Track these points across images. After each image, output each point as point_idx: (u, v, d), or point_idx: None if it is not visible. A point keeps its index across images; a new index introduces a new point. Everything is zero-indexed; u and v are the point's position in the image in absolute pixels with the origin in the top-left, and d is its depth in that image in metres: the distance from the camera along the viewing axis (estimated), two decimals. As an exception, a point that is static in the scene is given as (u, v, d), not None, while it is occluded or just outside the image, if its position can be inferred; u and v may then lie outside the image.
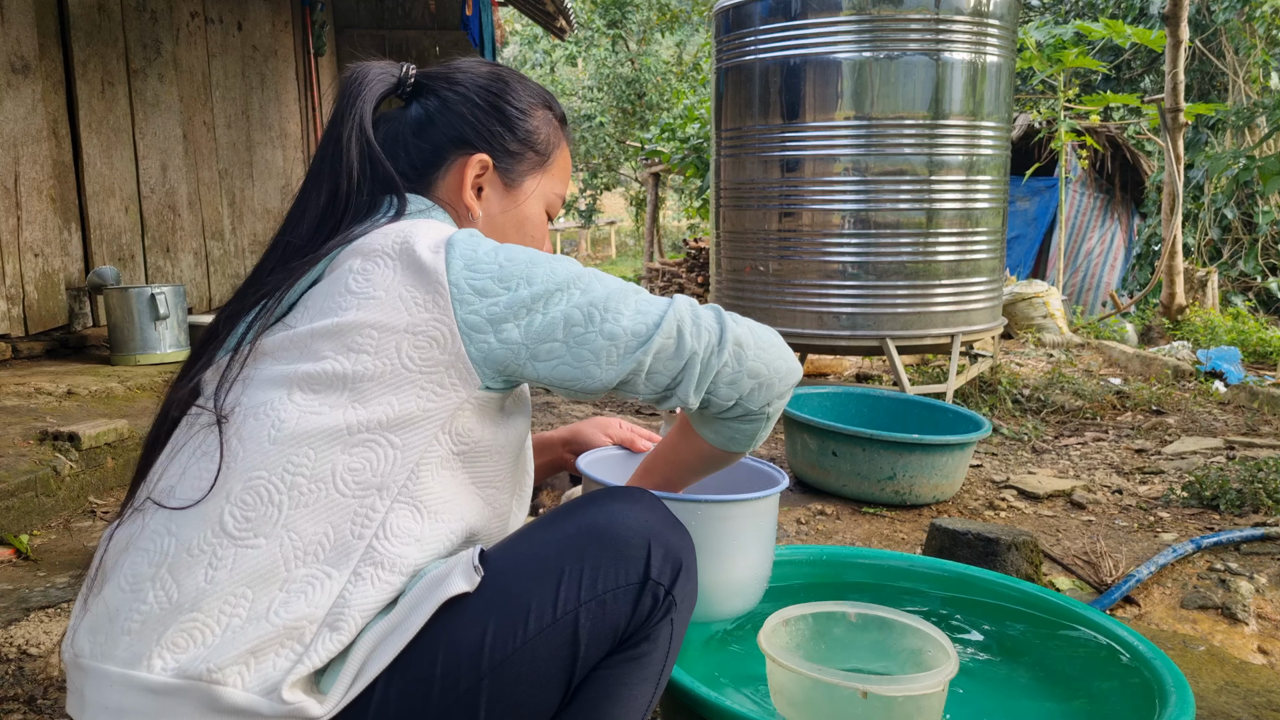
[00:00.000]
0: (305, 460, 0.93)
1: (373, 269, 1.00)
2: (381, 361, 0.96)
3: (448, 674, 0.92)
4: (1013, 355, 5.57)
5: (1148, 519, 2.77)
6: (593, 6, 15.31)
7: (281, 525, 0.91)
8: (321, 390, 0.95)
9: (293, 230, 1.07)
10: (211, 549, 0.90)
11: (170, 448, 1.02)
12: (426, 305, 0.98)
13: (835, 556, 1.85)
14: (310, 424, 0.94)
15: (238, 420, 0.96)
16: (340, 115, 1.11)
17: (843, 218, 3.90)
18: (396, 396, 0.96)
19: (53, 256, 4.28)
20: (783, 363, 1.08)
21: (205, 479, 0.94)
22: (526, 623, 0.94)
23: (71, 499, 2.66)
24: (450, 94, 1.17)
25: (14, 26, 4.05)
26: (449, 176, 1.17)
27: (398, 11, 7.10)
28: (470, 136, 1.17)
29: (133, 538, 0.95)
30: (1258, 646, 1.98)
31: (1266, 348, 5.57)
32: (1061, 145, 8.23)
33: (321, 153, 1.11)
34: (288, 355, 0.98)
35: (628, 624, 0.97)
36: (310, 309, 1.01)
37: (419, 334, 0.97)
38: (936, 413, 3.16)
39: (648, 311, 1.02)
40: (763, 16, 3.98)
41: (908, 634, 1.42)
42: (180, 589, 0.89)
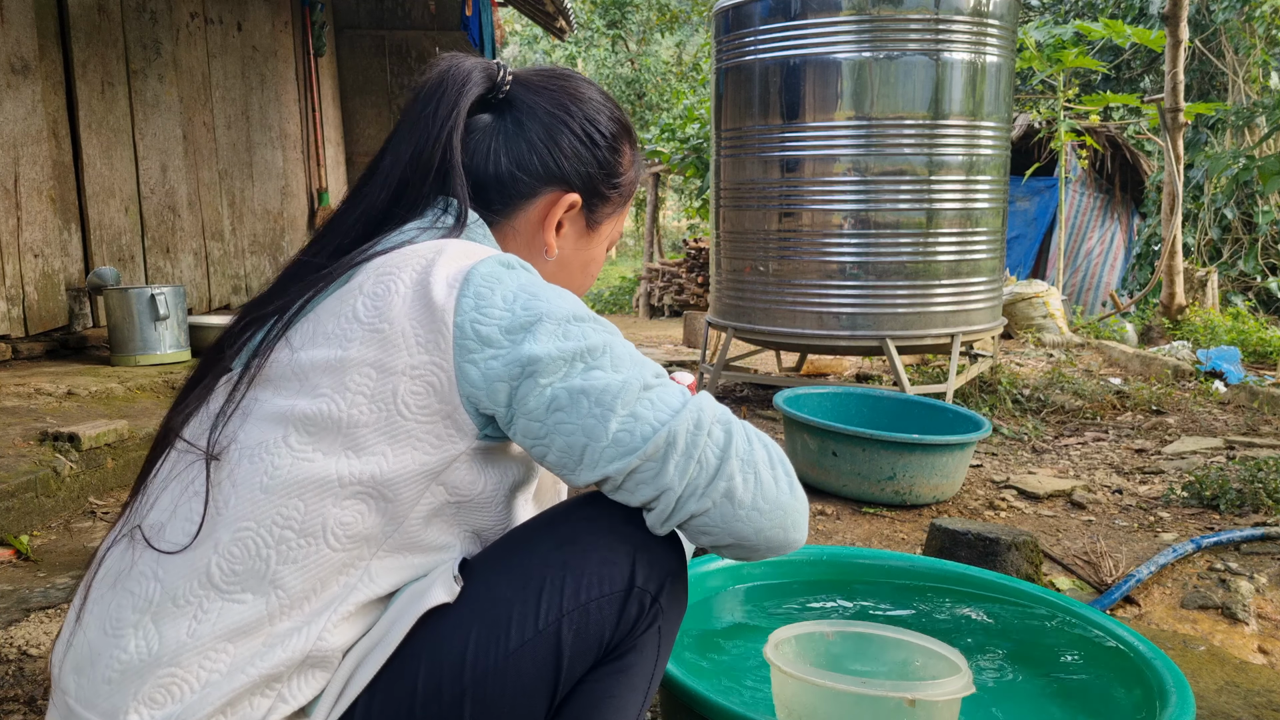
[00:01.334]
0: (295, 513, 0.88)
1: (385, 295, 0.92)
2: (377, 408, 0.90)
3: (430, 689, 0.90)
4: (1013, 355, 5.57)
5: (1148, 519, 2.77)
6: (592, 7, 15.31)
7: (269, 581, 0.88)
8: (316, 434, 0.90)
9: (342, 228, 1.01)
10: (198, 601, 0.87)
11: (167, 472, 0.97)
12: (427, 346, 0.91)
13: (835, 556, 1.85)
14: (303, 472, 0.89)
15: (231, 461, 0.91)
16: (432, 108, 1.03)
17: (843, 218, 3.90)
18: (392, 447, 0.90)
19: (53, 257, 4.28)
20: (780, 534, 0.94)
21: (194, 522, 0.90)
22: (509, 634, 0.91)
23: (71, 500, 2.66)
24: (550, 119, 1.09)
25: (14, 27, 4.05)
26: (533, 209, 1.10)
27: (398, 12, 7.10)
28: (568, 173, 1.10)
29: (121, 575, 0.92)
30: (1258, 646, 1.98)
31: (1266, 347, 5.57)
32: (1061, 145, 8.24)
33: (396, 145, 1.03)
34: (288, 387, 0.93)
35: (613, 634, 0.93)
36: (317, 328, 0.95)
37: (417, 378, 0.90)
38: (936, 413, 3.16)
39: (642, 419, 0.90)
40: (762, 16, 3.98)
41: (896, 648, 1.42)
42: (162, 640, 0.86)
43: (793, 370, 5.12)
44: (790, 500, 0.94)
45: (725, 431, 0.92)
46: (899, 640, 1.42)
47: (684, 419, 0.91)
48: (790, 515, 0.94)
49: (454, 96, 1.04)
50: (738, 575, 1.80)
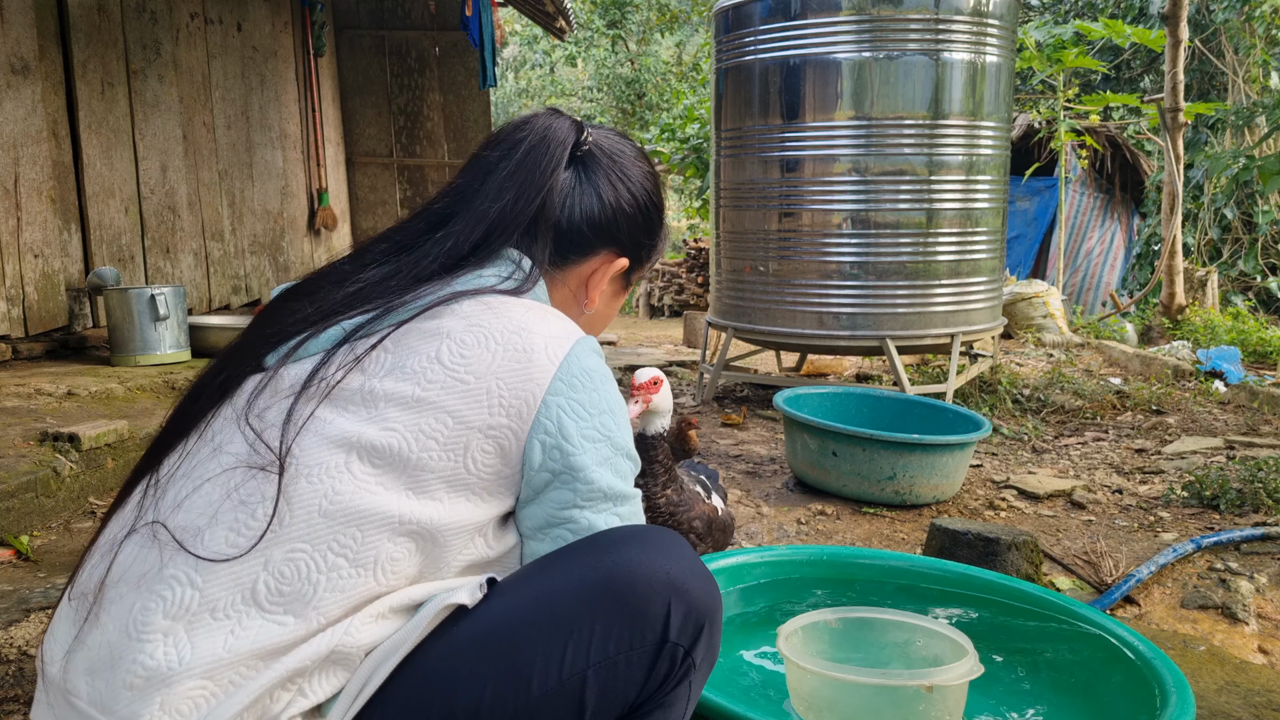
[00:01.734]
0: (352, 542, 0.87)
1: (473, 347, 0.94)
2: (447, 458, 0.91)
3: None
4: (1013, 355, 5.57)
5: (1148, 519, 2.77)
6: (592, 7, 15.31)
7: (312, 606, 0.86)
8: (381, 466, 0.90)
9: (421, 258, 1.03)
10: (238, 616, 0.84)
11: (190, 466, 0.94)
12: (509, 410, 0.93)
13: (835, 556, 1.85)
14: (364, 503, 0.88)
15: (287, 477, 0.89)
16: (533, 167, 1.08)
17: (843, 218, 3.90)
18: (450, 496, 0.92)
19: (53, 257, 4.28)
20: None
21: (243, 534, 0.86)
22: (529, 684, 0.87)
23: (72, 500, 2.66)
24: (623, 188, 1.15)
25: (14, 27, 4.05)
26: (585, 265, 1.15)
27: (397, 12, 7.10)
28: (624, 241, 1.16)
29: (147, 575, 0.87)
30: (1258, 646, 1.98)
31: (1266, 347, 5.57)
32: (1061, 145, 8.24)
33: (489, 189, 1.07)
34: (356, 411, 0.92)
35: (640, 691, 0.90)
36: (395, 360, 0.94)
37: (491, 438, 0.92)
38: (936, 413, 3.16)
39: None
40: (762, 17, 3.98)
41: (896, 629, 1.49)
42: (195, 651, 0.83)
43: (793, 370, 5.12)
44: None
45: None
46: (899, 622, 1.48)
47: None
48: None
49: (558, 155, 1.09)
50: (738, 576, 1.80)
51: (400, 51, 7.12)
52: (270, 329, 1.01)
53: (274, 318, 1.02)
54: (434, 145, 7.22)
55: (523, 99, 17.21)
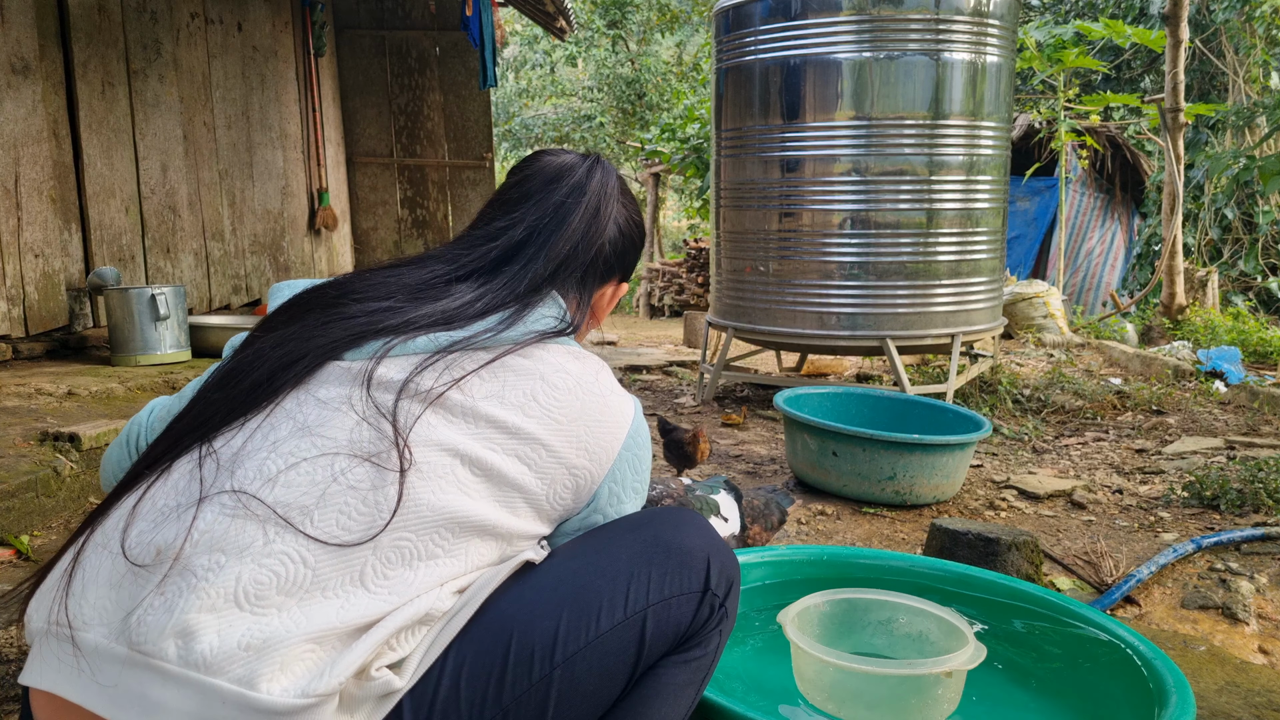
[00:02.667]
0: (450, 536, 0.97)
1: (565, 391, 1.07)
2: (539, 485, 1.03)
3: (521, 660, 0.96)
4: (1013, 355, 5.57)
5: (1148, 519, 2.77)
6: (593, 7, 15.31)
7: (410, 585, 0.94)
8: (481, 477, 1.00)
9: (509, 282, 1.15)
10: (346, 595, 0.91)
11: (268, 435, 0.98)
12: (592, 456, 1.07)
13: (835, 556, 1.85)
14: (465, 506, 0.98)
15: (404, 471, 0.97)
16: (600, 200, 1.22)
17: (843, 218, 3.90)
18: (526, 513, 1.03)
19: (53, 257, 4.29)
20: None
21: (356, 520, 0.93)
22: (599, 618, 0.99)
23: (72, 500, 2.66)
24: (626, 223, 1.28)
25: (14, 27, 4.05)
26: (600, 290, 1.27)
27: (398, 12, 7.10)
28: (629, 268, 1.30)
29: (249, 546, 0.90)
30: (1258, 646, 1.98)
31: (1267, 347, 5.57)
32: (1061, 145, 8.24)
33: (560, 220, 1.19)
34: (458, 424, 1.01)
35: (688, 628, 1.04)
36: (491, 386, 1.04)
37: (574, 475, 1.06)
38: (937, 413, 3.16)
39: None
40: (763, 17, 3.99)
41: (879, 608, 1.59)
42: (309, 620, 0.89)
43: (793, 370, 5.12)
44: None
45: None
46: (882, 601, 1.58)
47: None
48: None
49: (613, 204, 1.25)
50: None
51: (401, 51, 7.11)
52: (336, 323, 1.07)
53: (336, 312, 1.08)
54: (434, 145, 7.22)
55: (523, 99, 17.20)
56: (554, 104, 17.23)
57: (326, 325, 1.07)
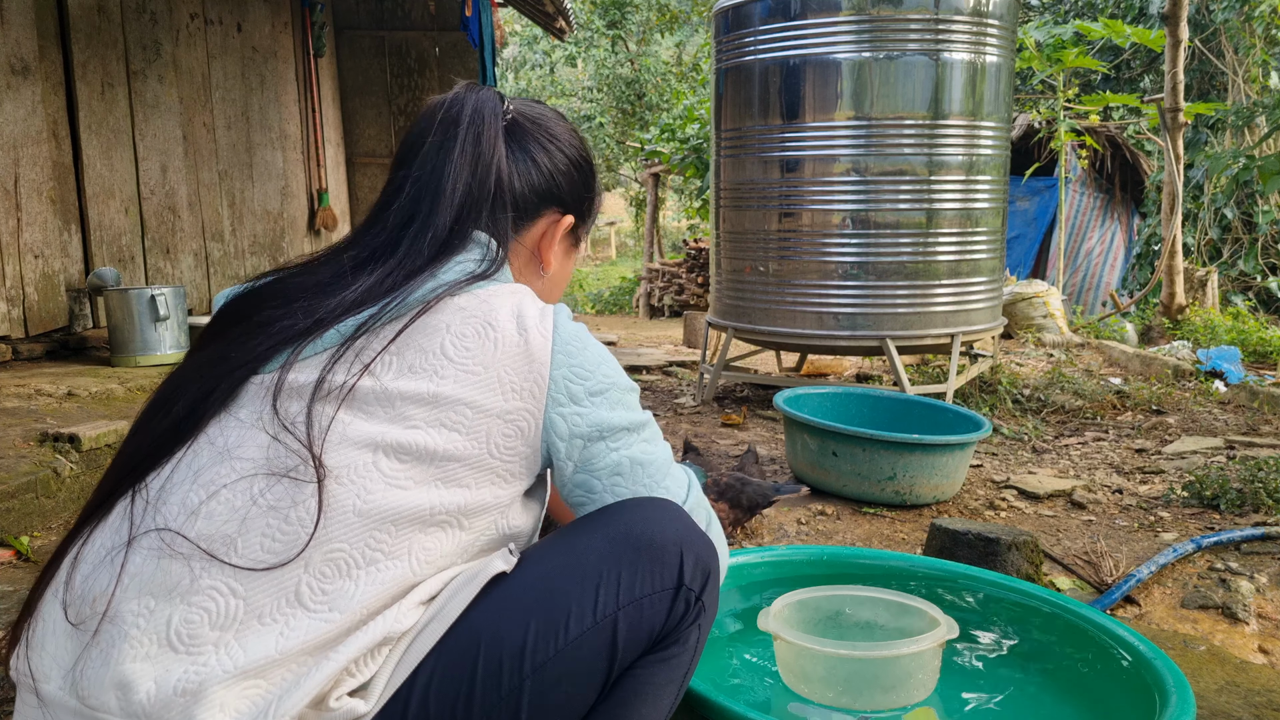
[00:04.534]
0: (386, 537, 0.93)
1: (476, 338, 1.00)
2: (472, 444, 0.97)
3: (490, 674, 0.93)
4: (1013, 355, 5.57)
5: (1148, 519, 2.77)
6: (592, 7, 15.31)
7: (356, 600, 0.90)
8: (409, 462, 0.95)
9: (408, 253, 1.06)
10: (285, 619, 0.88)
11: (190, 465, 0.95)
12: (522, 393, 1.00)
13: (835, 557, 1.85)
14: (396, 500, 0.93)
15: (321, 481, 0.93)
16: (474, 140, 1.12)
17: (842, 218, 3.90)
18: (475, 480, 0.98)
19: (53, 258, 4.28)
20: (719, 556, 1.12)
21: (280, 540, 0.89)
22: (568, 625, 0.96)
23: (72, 500, 2.66)
24: (553, 149, 1.19)
25: (14, 28, 4.05)
26: (535, 229, 1.19)
27: (397, 12, 7.10)
28: (566, 199, 1.21)
29: (176, 586, 0.88)
30: (1258, 646, 1.98)
31: (1266, 347, 5.57)
32: (1061, 145, 8.23)
33: (443, 172, 1.10)
34: (376, 414, 0.96)
35: (662, 627, 1.01)
36: (401, 360, 0.98)
37: (509, 421, 0.99)
38: (937, 413, 3.16)
39: (673, 490, 1.09)
40: (762, 17, 3.98)
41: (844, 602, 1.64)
42: (247, 654, 0.86)
43: (793, 370, 5.12)
44: (724, 552, 1.14)
45: (706, 511, 1.14)
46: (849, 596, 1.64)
47: (693, 491, 1.11)
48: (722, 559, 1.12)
49: (496, 126, 1.14)
50: (739, 576, 1.80)
51: (400, 52, 7.11)
52: (253, 338, 1.01)
53: (253, 325, 1.03)
54: (434, 146, 7.22)
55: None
56: (553, 104, 17.22)
57: (244, 340, 1.02)
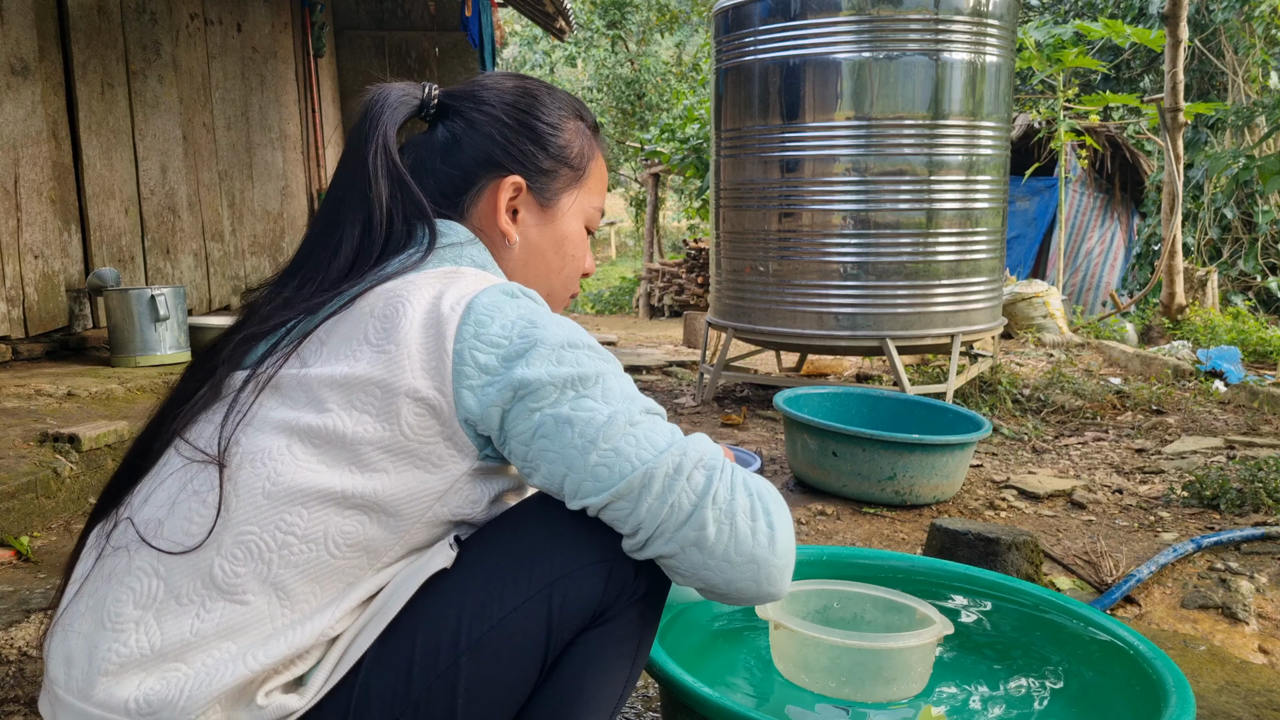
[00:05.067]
0: (298, 520, 0.91)
1: (393, 317, 0.96)
2: (383, 426, 0.93)
3: (427, 654, 0.93)
4: (1013, 355, 5.57)
5: (1148, 519, 2.77)
6: (592, 7, 15.31)
7: (270, 583, 0.90)
8: (321, 447, 0.93)
9: (327, 265, 1.03)
10: (200, 600, 0.89)
11: (159, 466, 0.99)
12: (429, 371, 0.94)
13: (835, 557, 1.85)
14: (306, 481, 0.91)
15: (233, 465, 0.93)
16: (363, 140, 1.06)
17: (842, 218, 3.90)
18: (394, 465, 0.93)
19: (53, 258, 4.29)
20: (753, 587, 0.94)
21: (197, 523, 0.91)
22: (502, 599, 0.94)
23: (72, 501, 2.66)
24: (477, 114, 1.13)
25: (14, 28, 4.05)
26: (481, 201, 1.12)
27: (397, 13, 7.10)
28: (501, 158, 1.12)
29: (116, 571, 0.93)
30: (1258, 646, 1.98)
31: (1266, 347, 5.56)
32: (1061, 145, 8.23)
33: (346, 180, 1.06)
34: (295, 400, 0.95)
35: (600, 598, 0.96)
36: (327, 346, 0.97)
37: (419, 399, 0.93)
38: (936, 413, 3.16)
39: (623, 455, 0.92)
40: (762, 17, 3.98)
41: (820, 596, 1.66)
42: (164, 636, 0.88)
43: (793, 370, 5.12)
44: (767, 555, 0.93)
45: (706, 477, 0.93)
46: (829, 590, 1.66)
47: (665, 460, 0.92)
48: (765, 570, 0.94)
49: (387, 116, 1.07)
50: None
51: (400, 52, 7.11)
52: (227, 343, 1.04)
53: (230, 334, 1.05)
54: (434, 146, 7.22)
55: (523, 99, 17.20)
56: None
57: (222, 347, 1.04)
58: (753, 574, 0.94)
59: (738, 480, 0.95)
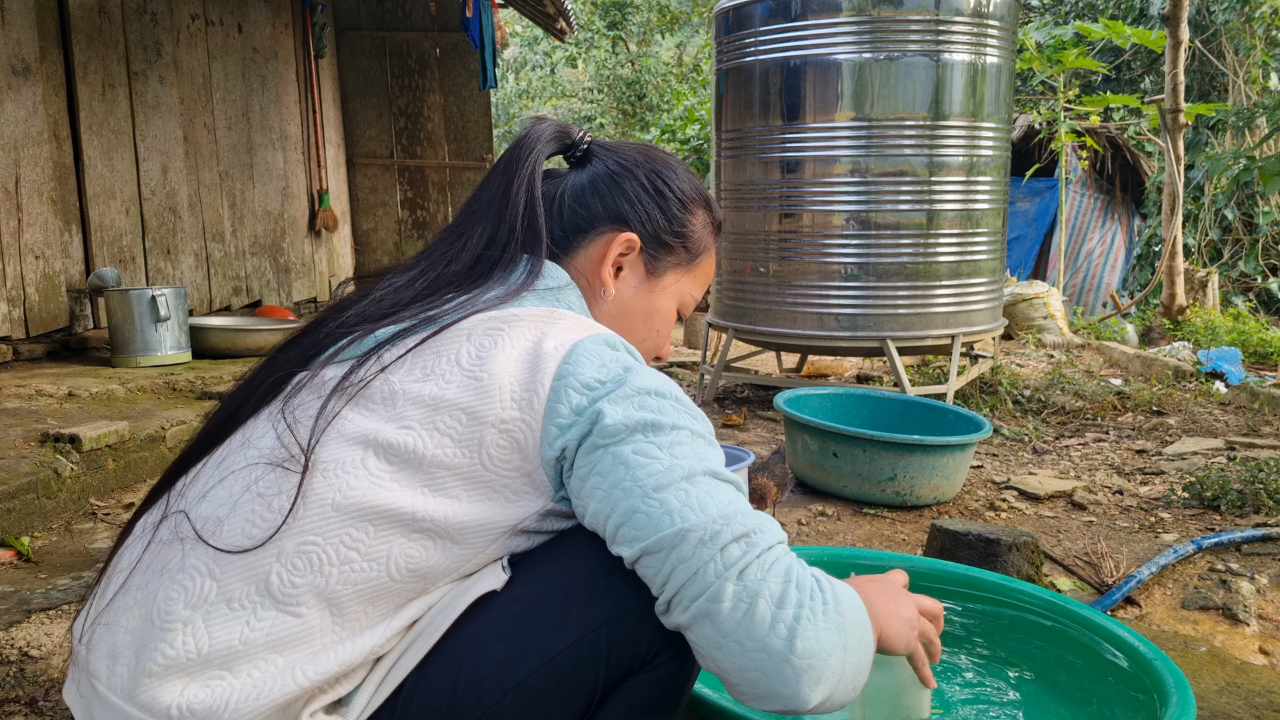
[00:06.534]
0: (364, 536, 0.89)
1: (491, 347, 0.95)
2: (463, 453, 0.91)
3: (471, 686, 0.91)
4: (1013, 356, 5.57)
5: (1149, 519, 2.77)
6: (593, 8, 15.31)
7: (325, 598, 0.88)
8: (396, 464, 0.91)
9: (450, 265, 1.07)
10: (253, 607, 0.87)
11: (220, 457, 0.97)
12: (520, 403, 0.93)
13: (836, 557, 1.84)
14: (378, 499, 0.89)
15: (307, 472, 0.91)
16: (512, 164, 1.10)
17: (843, 219, 3.90)
18: (469, 494, 0.92)
19: (53, 258, 4.29)
20: (763, 681, 0.85)
21: (259, 526, 0.89)
22: (553, 639, 0.92)
23: (72, 501, 2.66)
24: (619, 168, 1.16)
25: (15, 29, 4.05)
26: (593, 247, 1.14)
27: (398, 13, 7.10)
28: (627, 214, 1.15)
29: (168, 565, 0.90)
30: (1259, 647, 1.98)
31: (1267, 348, 5.56)
32: (1061, 146, 8.23)
33: (487, 196, 1.11)
34: (378, 411, 0.94)
35: (650, 642, 0.94)
36: (417, 362, 0.96)
37: (505, 432, 0.92)
38: (937, 413, 3.16)
39: (667, 508, 0.88)
40: (763, 18, 3.99)
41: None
42: (212, 641, 0.86)
43: (793, 371, 5.12)
44: (781, 649, 0.84)
45: (743, 552, 0.87)
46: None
47: (705, 524, 0.87)
48: (776, 664, 0.84)
49: (536, 148, 1.12)
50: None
51: (401, 53, 7.12)
52: (313, 336, 1.04)
53: (317, 326, 1.05)
54: (434, 146, 7.22)
55: (523, 100, 17.20)
56: (554, 105, 17.23)
57: (300, 341, 1.04)
58: (762, 664, 0.85)
59: (781, 566, 0.88)
